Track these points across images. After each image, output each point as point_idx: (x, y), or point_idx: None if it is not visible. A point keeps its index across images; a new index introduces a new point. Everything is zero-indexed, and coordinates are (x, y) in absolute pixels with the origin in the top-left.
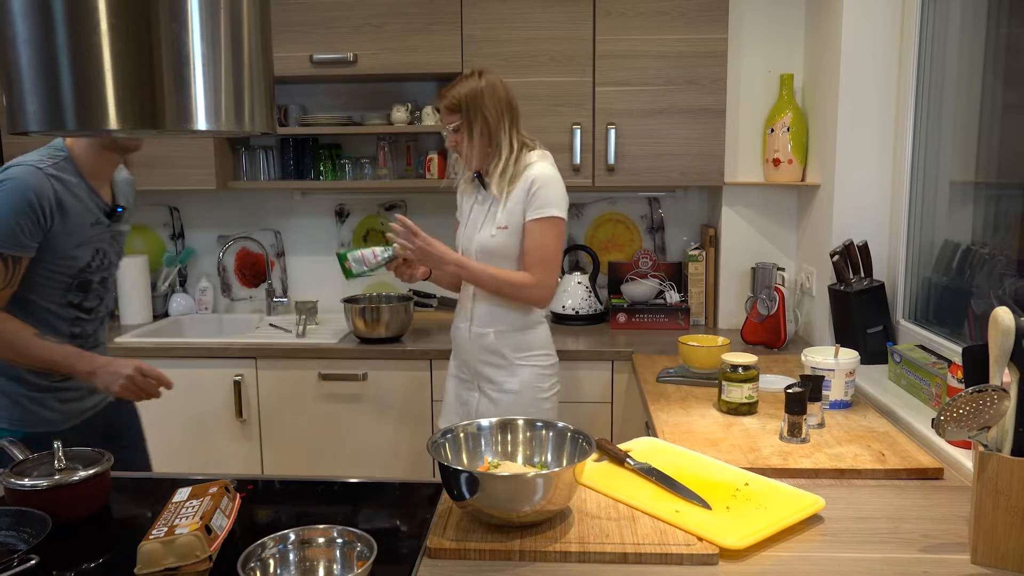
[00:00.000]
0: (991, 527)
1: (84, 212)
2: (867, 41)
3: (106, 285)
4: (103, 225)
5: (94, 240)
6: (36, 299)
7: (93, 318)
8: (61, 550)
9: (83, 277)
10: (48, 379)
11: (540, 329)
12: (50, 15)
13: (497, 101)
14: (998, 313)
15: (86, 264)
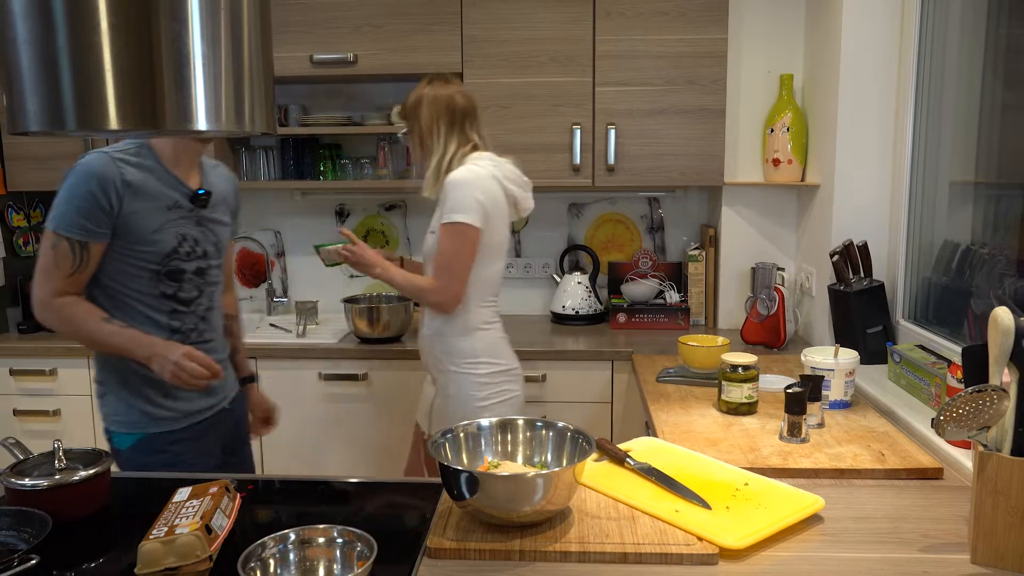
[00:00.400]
0: (991, 527)
1: (159, 194)
2: (867, 41)
3: (205, 277)
4: (184, 209)
5: (175, 224)
6: (128, 291)
7: (192, 311)
8: (61, 550)
9: (171, 265)
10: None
11: (480, 336)
12: (50, 15)
13: (435, 107)
14: (998, 313)
15: (172, 250)
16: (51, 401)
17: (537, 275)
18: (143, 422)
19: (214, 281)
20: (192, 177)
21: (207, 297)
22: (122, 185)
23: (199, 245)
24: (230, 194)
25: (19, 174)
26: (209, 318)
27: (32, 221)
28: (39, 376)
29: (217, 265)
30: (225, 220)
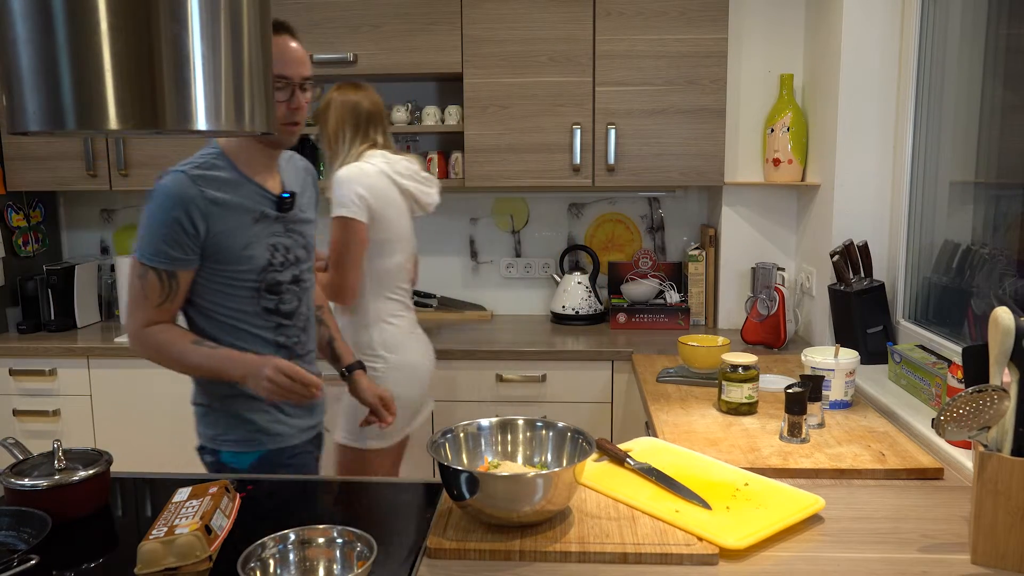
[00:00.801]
0: (991, 527)
1: (243, 208)
2: (867, 41)
3: (301, 284)
4: (270, 218)
5: (265, 236)
6: (229, 311)
7: (295, 323)
8: (61, 550)
9: (269, 278)
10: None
11: (382, 328)
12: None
13: (342, 112)
14: (998, 313)
15: (266, 263)
16: (51, 401)
17: (537, 275)
18: (261, 439)
19: (309, 286)
20: (271, 180)
21: (306, 305)
22: (205, 205)
23: (291, 252)
24: (308, 186)
25: (19, 174)
26: (308, 328)
27: (32, 221)
28: (39, 376)
29: (309, 268)
30: (310, 217)
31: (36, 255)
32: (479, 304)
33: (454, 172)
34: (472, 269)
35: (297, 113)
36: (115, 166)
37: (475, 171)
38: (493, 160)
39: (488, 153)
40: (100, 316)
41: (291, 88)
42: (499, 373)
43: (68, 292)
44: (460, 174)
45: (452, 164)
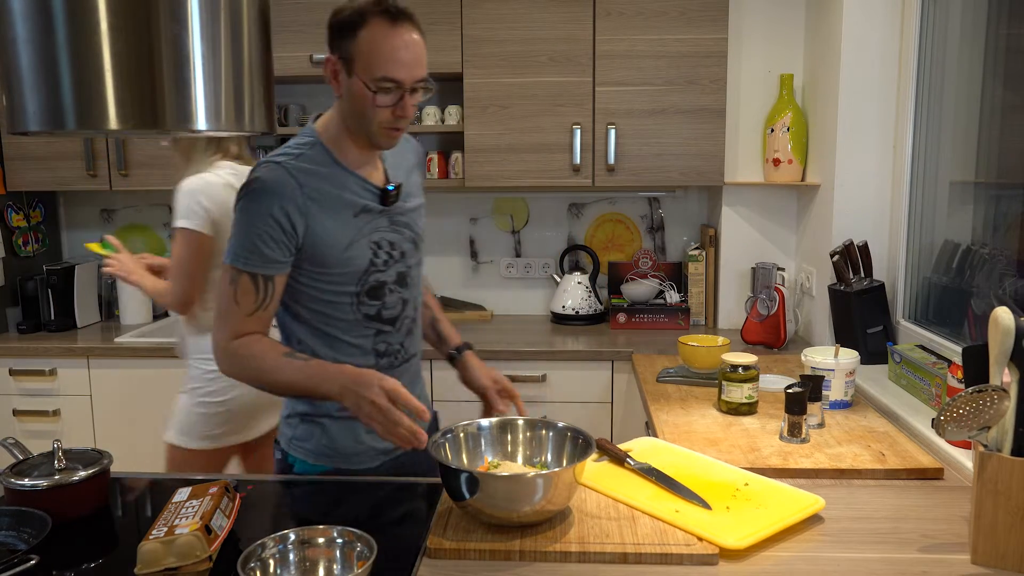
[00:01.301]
0: (991, 527)
1: (343, 203)
2: (867, 41)
3: (406, 283)
4: (373, 212)
5: (367, 233)
6: (326, 317)
7: (398, 329)
8: (61, 550)
9: (371, 281)
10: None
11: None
12: (50, 15)
13: None
14: (998, 313)
15: (368, 264)
16: (51, 401)
17: (537, 275)
18: (331, 455)
19: (416, 283)
20: (374, 170)
21: (412, 307)
22: (304, 201)
23: (396, 248)
24: (414, 168)
25: (19, 174)
26: (414, 331)
27: (32, 221)
28: (39, 376)
29: (418, 263)
30: (417, 204)
31: (36, 255)
32: (479, 304)
33: (454, 172)
34: (472, 269)
35: (402, 120)
36: (115, 166)
37: (475, 171)
38: (493, 160)
39: (488, 153)
40: (100, 316)
41: (400, 93)
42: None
43: (68, 292)
44: (460, 174)
45: (452, 164)
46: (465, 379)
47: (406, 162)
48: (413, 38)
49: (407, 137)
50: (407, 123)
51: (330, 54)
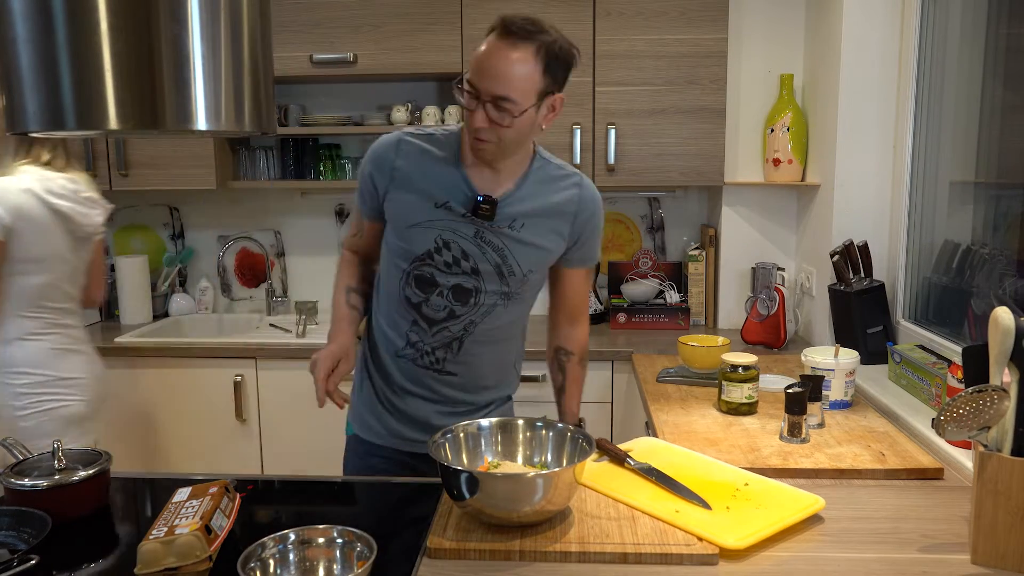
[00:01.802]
0: (991, 527)
1: (431, 189)
2: (867, 41)
3: (465, 300)
4: (455, 212)
5: (438, 227)
6: (385, 282)
7: (435, 332)
8: (61, 550)
9: (419, 270)
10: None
11: (21, 346)
12: (50, 15)
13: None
14: (998, 313)
15: (424, 253)
16: None
17: None
18: (355, 419)
19: (484, 310)
20: (496, 182)
21: (463, 325)
22: (392, 169)
23: (469, 260)
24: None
25: None
26: (462, 349)
27: None
28: None
29: (497, 295)
30: (539, 243)
31: None
32: None
33: None
34: None
35: (481, 131)
36: (115, 166)
37: None
38: None
39: None
40: (100, 316)
41: (476, 99)
42: None
43: None
44: None
45: None
46: None
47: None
48: (510, 54)
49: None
50: (490, 136)
51: None
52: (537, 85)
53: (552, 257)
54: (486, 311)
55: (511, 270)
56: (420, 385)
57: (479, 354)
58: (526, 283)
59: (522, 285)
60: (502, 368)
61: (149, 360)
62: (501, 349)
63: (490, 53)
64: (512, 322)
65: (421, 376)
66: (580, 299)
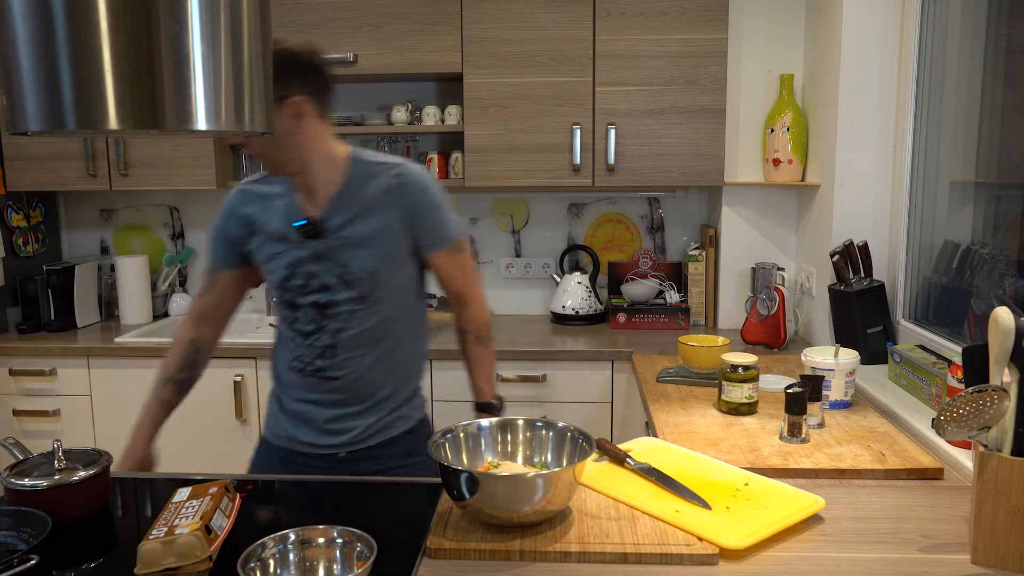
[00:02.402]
0: (991, 527)
1: (271, 225)
2: (867, 41)
3: (326, 312)
4: (293, 241)
5: (284, 257)
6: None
7: (309, 344)
8: (61, 550)
9: (283, 296)
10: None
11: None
12: (50, 15)
13: None
14: (998, 313)
15: (281, 281)
16: (51, 401)
17: (537, 275)
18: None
19: (344, 318)
20: (317, 199)
21: (329, 335)
22: (242, 217)
23: (316, 278)
24: (384, 204)
25: (19, 174)
26: (337, 356)
27: (32, 221)
28: (39, 376)
29: (349, 301)
30: (371, 241)
31: (36, 255)
32: None
33: (454, 172)
34: None
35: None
36: (115, 166)
37: (475, 171)
38: (493, 160)
39: (488, 153)
40: (100, 316)
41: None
42: (499, 373)
43: (68, 292)
44: (460, 174)
45: (452, 164)
46: None
47: (372, 196)
48: None
49: (397, 172)
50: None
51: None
52: None
53: (393, 249)
54: (346, 318)
55: (355, 276)
56: (312, 391)
57: (357, 357)
58: (377, 283)
59: (374, 287)
60: (390, 368)
61: (149, 360)
62: (381, 350)
63: None
64: (382, 323)
65: (310, 384)
66: (457, 280)
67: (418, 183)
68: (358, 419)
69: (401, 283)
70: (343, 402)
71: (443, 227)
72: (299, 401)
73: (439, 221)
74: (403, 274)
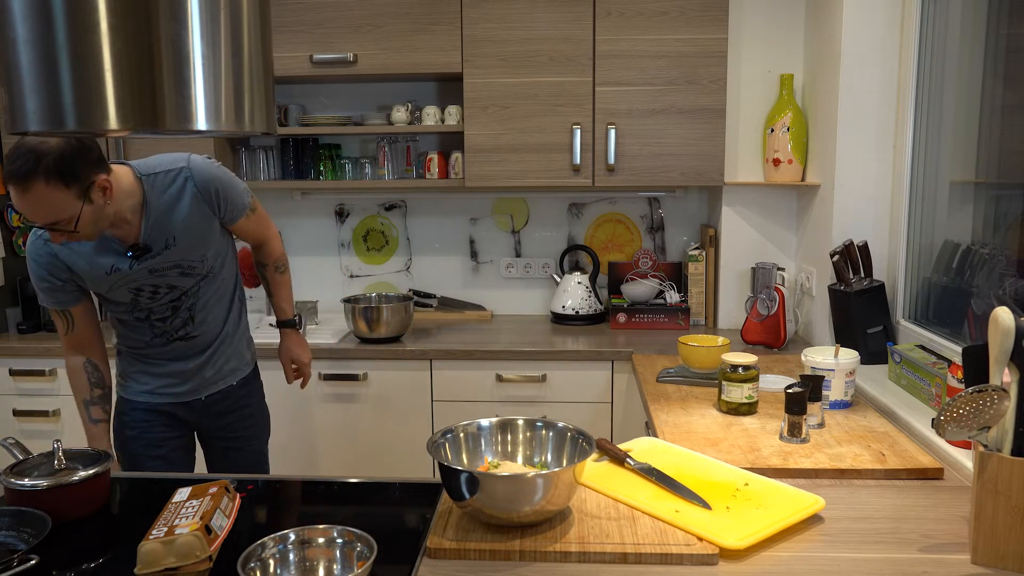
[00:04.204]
0: (991, 527)
1: (94, 264)
2: (867, 41)
3: (180, 301)
4: (123, 270)
5: (122, 284)
6: (108, 311)
7: (170, 324)
8: (61, 550)
9: (137, 312)
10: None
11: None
12: (50, 15)
13: None
14: (998, 313)
15: (131, 300)
16: (50, 401)
17: (537, 275)
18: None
19: (193, 294)
20: (130, 227)
21: (185, 310)
22: (63, 265)
23: (162, 286)
24: (191, 206)
25: None
26: (195, 318)
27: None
28: (39, 376)
29: (195, 283)
30: (196, 237)
31: None
32: (479, 304)
33: (454, 172)
34: (472, 269)
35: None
36: None
37: (475, 171)
38: (493, 160)
39: (488, 153)
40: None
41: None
42: (499, 373)
43: None
44: (460, 174)
45: (452, 164)
46: (279, 349)
47: (179, 205)
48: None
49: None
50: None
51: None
52: (69, 196)
53: (210, 232)
54: (195, 293)
55: (192, 268)
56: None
57: (208, 312)
58: (208, 260)
59: (207, 264)
60: (227, 305)
61: None
62: (223, 299)
63: (17, 201)
64: (222, 279)
65: (173, 348)
66: (256, 234)
67: (208, 175)
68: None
69: (220, 246)
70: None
71: (238, 200)
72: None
73: (234, 197)
74: (220, 239)
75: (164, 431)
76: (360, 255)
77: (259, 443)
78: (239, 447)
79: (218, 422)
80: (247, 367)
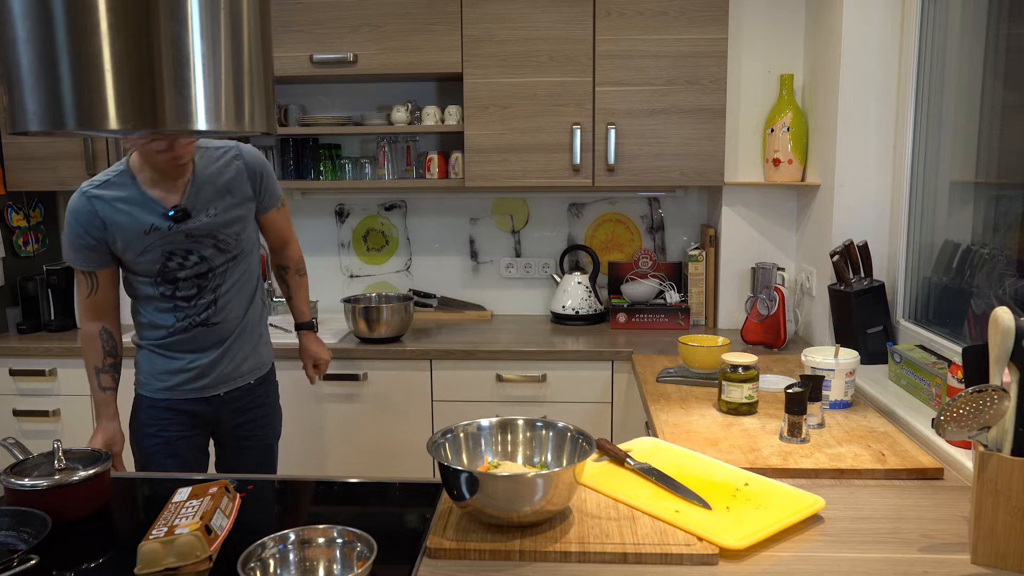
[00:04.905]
0: (991, 527)
1: (134, 221)
2: (867, 41)
3: (206, 279)
4: (162, 230)
5: (158, 245)
6: (136, 286)
7: (194, 305)
8: (61, 550)
9: (166, 276)
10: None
11: None
12: (50, 15)
13: None
14: (998, 313)
15: (162, 266)
16: (50, 401)
17: (537, 275)
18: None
19: (220, 276)
20: (173, 193)
21: (211, 291)
22: (101, 222)
23: (192, 254)
24: (236, 182)
25: (19, 174)
26: (217, 303)
27: (32, 221)
28: (38, 376)
29: (224, 262)
30: (234, 214)
31: (36, 255)
32: (479, 304)
33: (454, 172)
34: (472, 269)
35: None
36: None
37: (475, 171)
38: (493, 160)
39: (488, 153)
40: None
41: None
42: (499, 373)
43: (68, 292)
44: (460, 174)
45: (452, 164)
46: (299, 349)
47: (223, 183)
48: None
49: (250, 157)
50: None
51: None
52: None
53: (246, 214)
54: (223, 275)
55: (225, 243)
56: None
57: (231, 298)
58: (241, 241)
59: (239, 245)
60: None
61: None
62: (245, 288)
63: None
64: (248, 269)
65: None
66: (283, 230)
67: (257, 160)
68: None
69: (252, 234)
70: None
71: (275, 190)
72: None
73: (272, 186)
74: (253, 227)
75: (180, 430)
76: (360, 255)
77: (271, 440)
78: (252, 445)
79: (236, 419)
80: (264, 367)
